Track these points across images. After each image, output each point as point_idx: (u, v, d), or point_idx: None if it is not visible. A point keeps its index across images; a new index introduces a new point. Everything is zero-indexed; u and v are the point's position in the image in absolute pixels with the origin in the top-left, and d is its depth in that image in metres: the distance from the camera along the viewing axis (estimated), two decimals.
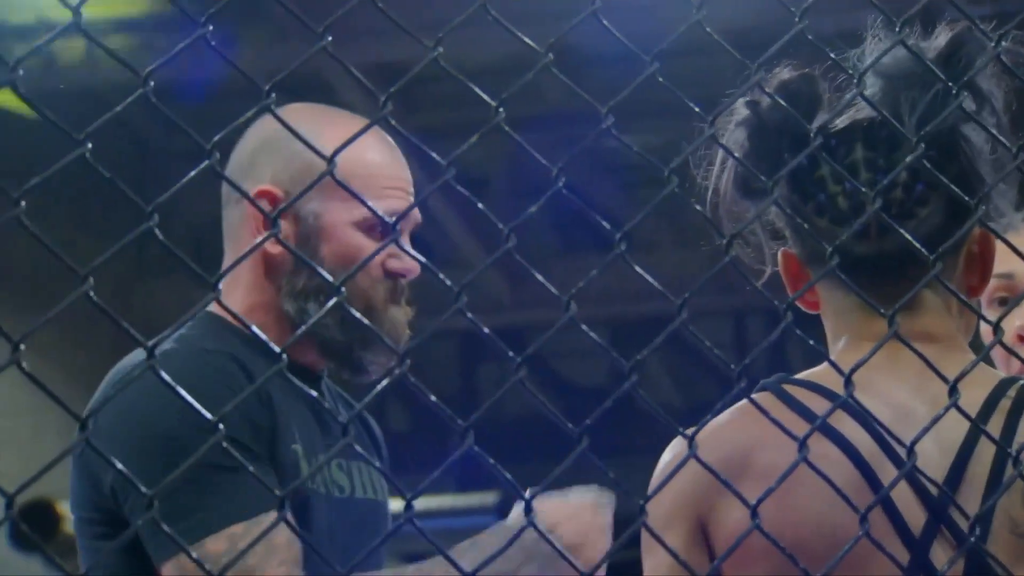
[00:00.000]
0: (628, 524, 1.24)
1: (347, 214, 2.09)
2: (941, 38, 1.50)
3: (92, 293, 0.93)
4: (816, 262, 1.50)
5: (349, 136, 1.26)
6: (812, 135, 1.40)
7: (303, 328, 1.99)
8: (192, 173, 1.05)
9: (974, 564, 1.39)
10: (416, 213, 2.15)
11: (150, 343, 1.06)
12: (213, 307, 1.95)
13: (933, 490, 1.42)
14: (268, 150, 2.12)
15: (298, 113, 2.05)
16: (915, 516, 1.42)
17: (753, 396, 1.37)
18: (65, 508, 9.55)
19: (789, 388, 1.47)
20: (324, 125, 2.02)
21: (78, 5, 1.00)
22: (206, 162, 1.03)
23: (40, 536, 8.94)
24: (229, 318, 2.04)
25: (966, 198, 1.43)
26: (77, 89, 5.65)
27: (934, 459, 1.40)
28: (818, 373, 1.49)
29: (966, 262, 1.55)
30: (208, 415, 1.16)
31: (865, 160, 1.49)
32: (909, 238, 1.39)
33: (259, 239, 1.90)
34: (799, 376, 1.50)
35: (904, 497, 1.41)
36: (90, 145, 0.98)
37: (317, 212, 2.09)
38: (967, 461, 1.43)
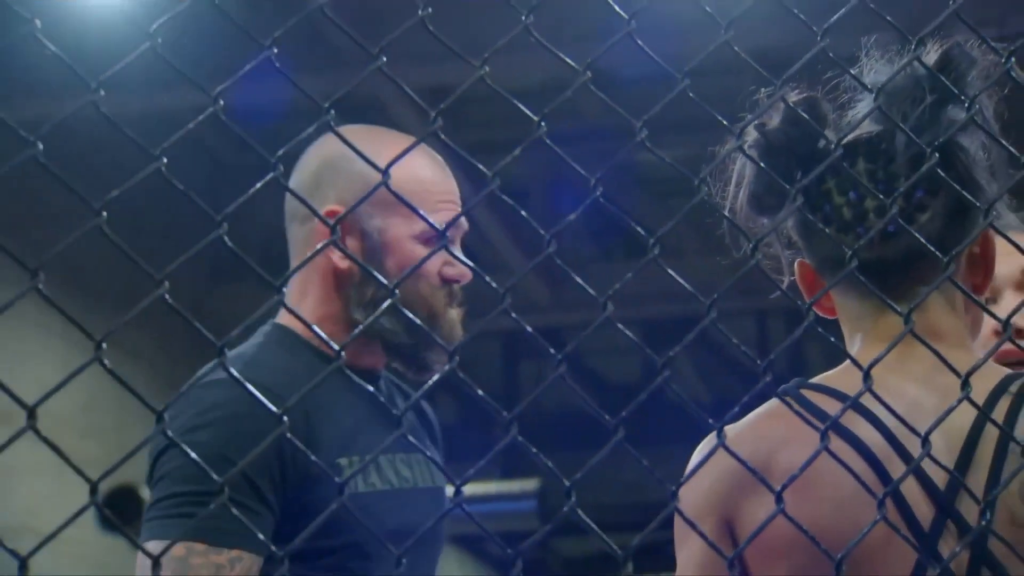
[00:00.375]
0: (660, 511, 1.23)
1: (407, 228, 2.11)
2: (932, 55, 1.49)
3: (167, 296, 0.93)
4: (828, 269, 1.51)
5: (406, 159, 1.25)
6: (833, 148, 1.40)
7: (359, 328, 1.98)
8: (258, 184, 1.04)
9: (978, 554, 1.37)
10: (464, 221, 2.19)
11: (220, 342, 1.06)
12: (284, 319, 2.11)
13: (940, 485, 1.39)
14: (331, 171, 2.14)
15: (356, 134, 2.01)
16: (923, 511, 1.40)
17: (774, 401, 1.40)
18: (146, 493, 9.64)
19: (806, 392, 1.45)
20: (381, 145, 1.98)
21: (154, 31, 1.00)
22: (271, 174, 1.02)
23: (123, 518, 9.02)
24: (299, 329, 2.11)
25: (976, 203, 1.42)
26: (151, 109, 5.68)
27: (941, 452, 1.37)
28: (831, 377, 1.49)
29: (968, 262, 1.54)
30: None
31: (867, 172, 1.48)
32: (923, 240, 1.39)
33: (320, 246, 1.91)
34: (814, 380, 1.48)
35: (913, 492, 1.39)
36: (165, 160, 0.98)
37: (381, 228, 2.11)
38: (972, 453, 1.41)
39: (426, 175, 2.13)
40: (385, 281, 1.81)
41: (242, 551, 1.91)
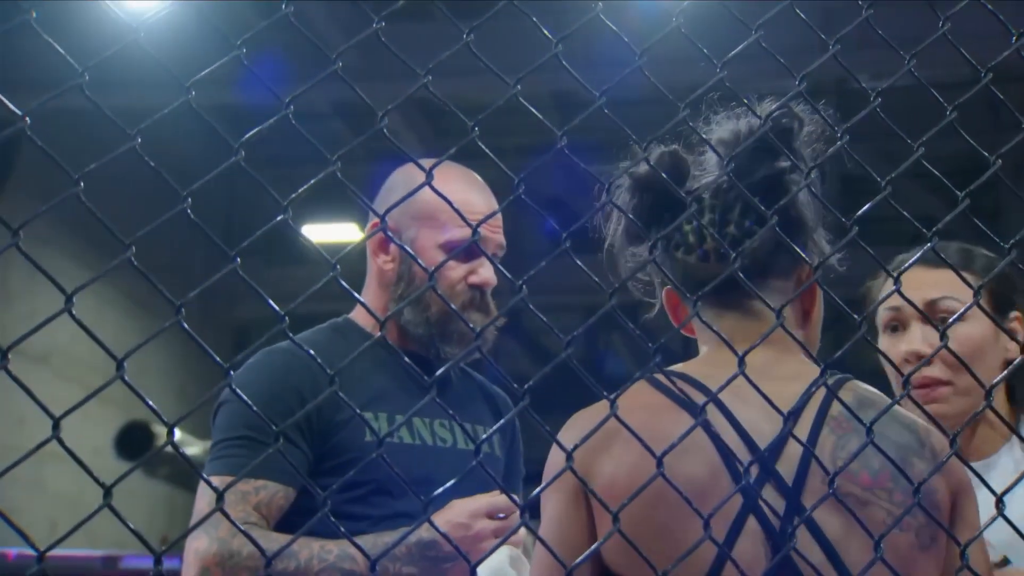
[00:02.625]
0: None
1: (434, 239, 2.19)
2: (765, 114, 1.51)
3: (133, 259, 0.90)
4: (684, 290, 1.54)
5: (444, 180, 1.25)
6: (687, 194, 1.46)
7: (390, 313, 2.17)
8: (218, 168, 1.01)
9: (793, 506, 1.39)
10: (501, 239, 2.25)
11: (283, 312, 1.09)
12: (352, 313, 2.32)
13: (763, 446, 1.42)
14: (387, 193, 2.26)
15: (411, 168, 2.10)
16: (751, 470, 1.40)
17: (632, 384, 1.45)
18: (159, 429, 9.57)
19: (659, 377, 1.47)
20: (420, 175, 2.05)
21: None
22: (233, 158, 0.99)
23: (136, 448, 9.02)
24: (360, 320, 2.28)
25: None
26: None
27: (767, 431, 1.41)
28: (687, 366, 1.52)
29: (797, 284, 1.56)
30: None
31: (710, 207, 1.52)
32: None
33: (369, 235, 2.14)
34: (673, 368, 1.51)
35: (740, 451, 1.41)
36: (139, 140, 0.95)
37: (413, 237, 2.21)
38: (790, 432, 1.42)
39: (460, 194, 2.15)
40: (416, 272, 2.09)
41: (267, 480, 2.03)
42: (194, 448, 8.46)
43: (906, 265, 1.68)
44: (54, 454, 0.99)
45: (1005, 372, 1.81)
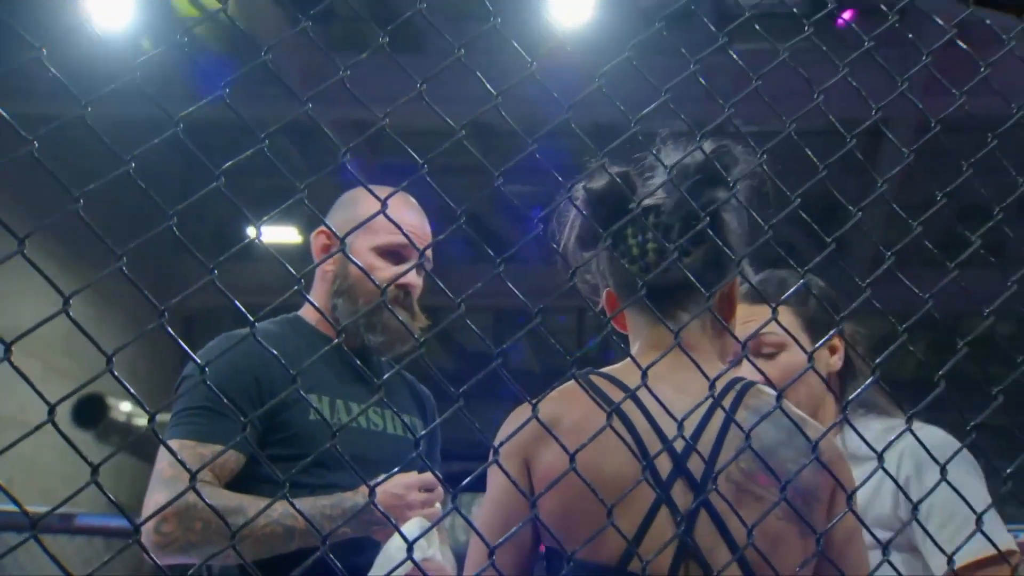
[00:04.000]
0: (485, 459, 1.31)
1: (367, 242, 2.23)
2: (708, 147, 1.54)
3: (124, 269, 0.89)
4: (623, 294, 1.57)
5: (383, 195, 1.26)
6: (634, 207, 1.47)
7: (346, 323, 2.22)
8: (202, 192, 1.00)
9: (704, 502, 1.41)
10: (428, 253, 2.26)
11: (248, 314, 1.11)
12: (301, 311, 2.34)
13: (679, 450, 1.44)
14: (332, 212, 2.32)
15: (356, 189, 2.26)
16: (663, 465, 1.43)
17: (565, 383, 1.46)
18: (112, 401, 9.37)
19: (593, 377, 1.49)
20: (365, 193, 2.01)
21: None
22: (214, 183, 0.98)
23: (91, 418, 8.88)
24: (308, 317, 2.32)
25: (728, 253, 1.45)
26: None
27: (686, 431, 1.41)
28: (615, 369, 1.53)
29: (719, 299, 1.58)
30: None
31: (653, 225, 1.54)
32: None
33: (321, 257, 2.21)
34: (601, 370, 1.52)
35: (660, 459, 1.43)
36: (133, 164, 0.94)
37: (349, 242, 2.17)
38: (702, 431, 1.45)
39: (398, 213, 2.19)
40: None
41: (220, 446, 2.02)
42: (146, 420, 8.31)
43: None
44: (13, 420, 0.98)
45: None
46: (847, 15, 6.41)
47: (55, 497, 0.93)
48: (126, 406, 9.40)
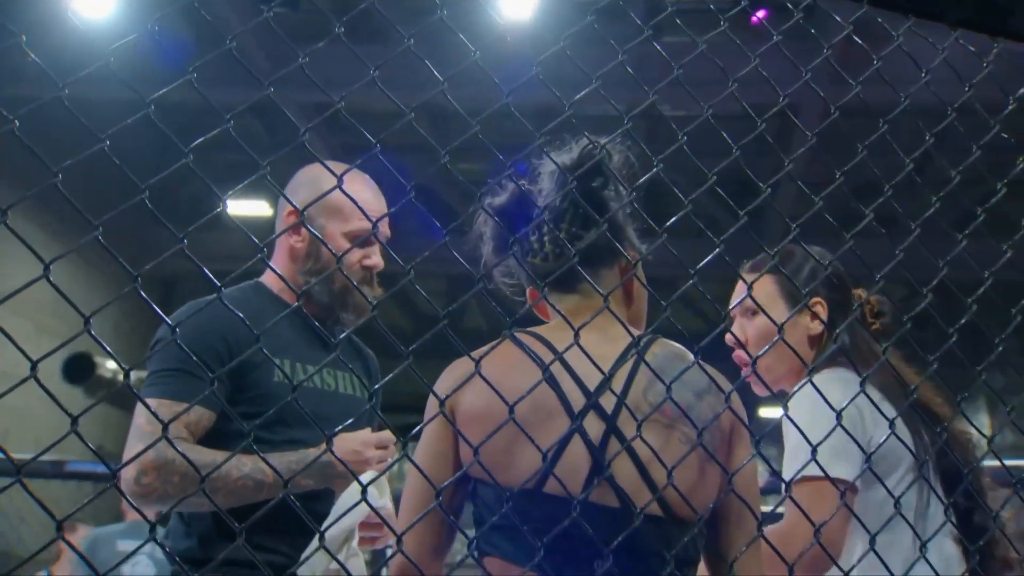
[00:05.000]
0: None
1: (340, 228, 2.23)
2: (576, 149, 1.60)
3: (100, 238, 0.88)
4: (535, 282, 1.62)
5: (348, 182, 1.24)
6: (539, 212, 1.53)
7: (306, 288, 2.21)
8: (171, 168, 0.99)
9: (610, 428, 1.45)
10: (387, 231, 2.30)
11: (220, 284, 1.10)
12: (263, 278, 2.34)
13: (592, 389, 1.47)
14: (295, 187, 2.29)
15: (315, 167, 2.25)
16: (575, 397, 1.46)
17: (500, 340, 1.49)
18: (99, 360, 9.22)
19: (520, 335, 1.52)
20: (327, 174, 2.06)
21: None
22: (182, 160, 0.97)
23: (79, 375, 8.78)
24: (270, 284, 2.30)
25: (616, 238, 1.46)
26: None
27: (598, 377, 1.46)
28: (539, 329, 1.57)
29: (621, 271, 1.63)
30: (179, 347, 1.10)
31: (548, 220, 1.59)
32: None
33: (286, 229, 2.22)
34: (528, 329, 1.56)
35: (575, 397, 1.46)
36: (108, 142, 0.92)
37: (323, 225, 2.25)
38: (614, 374, 1.48)
39: (359, 194, 2.24)
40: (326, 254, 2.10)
41: (195, 404, 2.03)
42: (131, 377, 8.22)
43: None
44: (7, 375, 0.97)
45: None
46: (761, 13, 6.43)
47: (45, 445, 0.92)
48: (112, 364, 9.29)
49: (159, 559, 5.58)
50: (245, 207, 10.30)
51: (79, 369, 8.80)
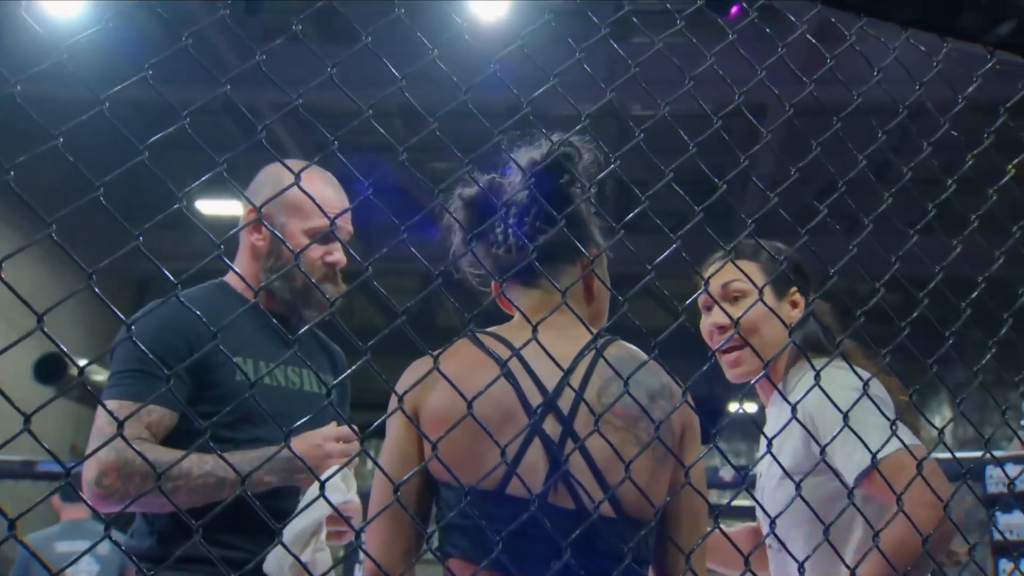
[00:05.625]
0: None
1: (300, 225, 2.20)
2: (546, 146, 1.59)
3: (53, 235, 0.87)
4: (498, 275, 1.60)
5: (308, 179, 1.23)
6: (501, 206, 1.54)
7: (264, 284, 2.03)
8: (128, 164, 0.98)
9: (567, 429, 1.45)
10: (349, 226, 2.27)
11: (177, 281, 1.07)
12: (226, 277, 2.30)
13: (550, 389, 1.47)
14: (256, 187, 2.26)
15: (277, 166, 2.22)
16: (536, 401, 1.46)
17: (458, 339, 1.49)
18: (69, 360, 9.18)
19: (480, 335, 1.52)
20: (286, 172, 2.05)
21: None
22: (138, 157, 0.96)
23: (52, 375, 8.71)
24: (232, 283, 2.27)
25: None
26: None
27: (555, 378, 1.47)
28: (500, 329, 1.57)
29: (583, 268, 1.63)
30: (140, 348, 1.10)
31: (513, 214, 1.58)
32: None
33: (246, 223, 2.19)
34: (488, 329, 1.55)
35: (534, 397, 1.46)
36: (61, 139, 0.91)
37: (283, 223, 2.23)
38: (570, 373, 1.48)
39: (320, 191, 2.22)
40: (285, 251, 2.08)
41: (155, 406, 2.02)
42: (99, 376, 8.17)
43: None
44: None
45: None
46: (734, 10, 6.46)
47: (19, 447, 0.90)
48: (82, 364, 9.22)
49: (103, 555, 5.52)
50: (220, 207, 10.26)
51: (50, 369, 8.73)
